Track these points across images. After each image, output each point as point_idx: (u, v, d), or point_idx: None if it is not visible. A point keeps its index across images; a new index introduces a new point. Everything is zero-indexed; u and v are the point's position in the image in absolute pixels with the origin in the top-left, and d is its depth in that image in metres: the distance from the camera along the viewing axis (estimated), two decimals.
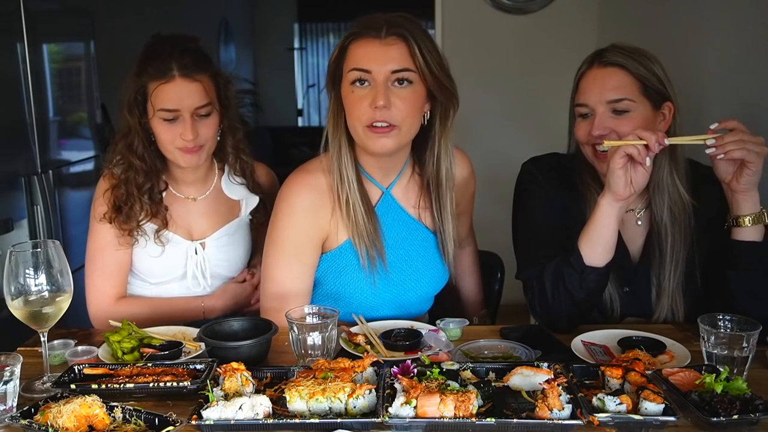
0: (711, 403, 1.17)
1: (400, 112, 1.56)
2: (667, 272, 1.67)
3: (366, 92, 1.56)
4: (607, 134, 1.60)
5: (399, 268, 1.74)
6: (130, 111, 1.75)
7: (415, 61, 1.55)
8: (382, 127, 1.56)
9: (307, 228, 1.67)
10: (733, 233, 1.56)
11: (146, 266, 1.87)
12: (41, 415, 1.18)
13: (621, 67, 1.61)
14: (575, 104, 1.68)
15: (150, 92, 1.72)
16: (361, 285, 1.71)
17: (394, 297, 1.75)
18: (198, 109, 1.74)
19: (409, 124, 1.59)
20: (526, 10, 3.85)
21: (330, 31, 9.12)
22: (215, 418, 1.17)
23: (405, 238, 1.75)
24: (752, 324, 1.34)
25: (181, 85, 1.71)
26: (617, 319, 1.72)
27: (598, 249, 1.56)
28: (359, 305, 1.70)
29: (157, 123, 1.74)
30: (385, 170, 1.72)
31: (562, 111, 1.79)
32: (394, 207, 1.74)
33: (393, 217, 1.74)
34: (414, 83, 1.57)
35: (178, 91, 1.71)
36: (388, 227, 1.72)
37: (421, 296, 1.80)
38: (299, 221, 1.66)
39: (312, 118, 9.36)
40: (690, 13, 2.66)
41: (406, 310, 1.78)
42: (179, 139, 1.74)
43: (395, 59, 1.55)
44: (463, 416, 1.15)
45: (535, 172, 1.77)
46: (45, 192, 2.88)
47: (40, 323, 1.38)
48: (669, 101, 1.64)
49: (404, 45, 1.55)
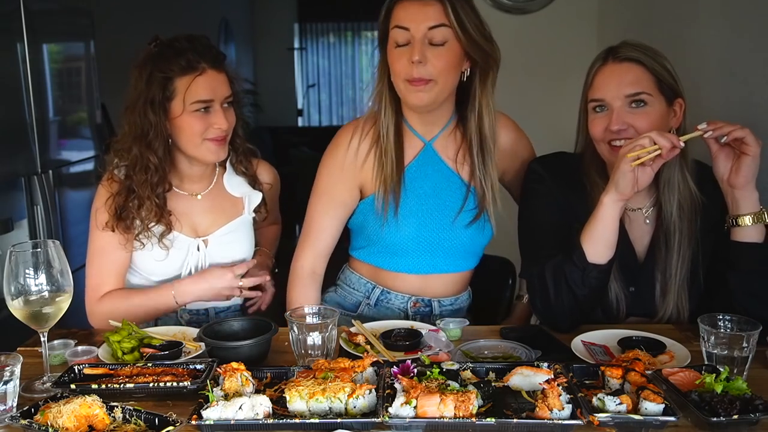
0: (711, 403, 1.17)
1: (435, 68, 1.66)
2: (673, 269, 1.67)
3: (406, 50, 1.68)
4: (625, 129, 1.60)
5: (432, 215, 1.81)
6: (154, 110, 1.75)
7: (449, 19, 1.66)
8: (420, 80, 1.67)
9: (349, 172, 1.82)
10: (733, 234, 1.56)
11: (149, 267, 1.86)
12: (41, 415, 1.18)
13: (637, 62, 1.62)
14: (589, 100, 1.67)
15: (180, 88, 1.75)
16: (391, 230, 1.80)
17: (430, 245, 1.82)
18: (227, 98, 1.81)
19: (444, 80, 1.69)
20: (526, 10, 3.85)
21: (330, 31, 9.12)
22: (215, 418, 1.17)
23: (443, 188, 1.83)
24: (752, 324, 1.35)
25: (213, 76, 1.78)
26: (623, 319, 1.72)
27: (600, 246, 1.56)
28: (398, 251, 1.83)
29: (189, 117, 1.76)
30: (428, 124, 1.82)
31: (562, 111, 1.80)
32: (434, 159, 1.83)
33: (432, 167, 1.83)
34: (449, 41, 1.67)
35: (210, 82, 1.77)
36: (426, 177, 1.82)
37: (458, 246, 1.83)
38: (343, 163, 1.82)
39: (312, 118, 9.36)
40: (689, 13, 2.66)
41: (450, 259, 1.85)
42: (212, 129, 1.78)
43: (431, 17, 1.66)
44: (463, 416, 1.15)
45: (541, 171, 1.77)
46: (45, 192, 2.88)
47: (40, 323, 1.38)
48: (680, 98, 1.65)
49: (440, 5, 1.66)
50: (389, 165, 1.77)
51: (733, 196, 1.54)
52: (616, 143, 1.62)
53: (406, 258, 1.84)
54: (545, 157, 1.82)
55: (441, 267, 1.85)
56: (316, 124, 9.21)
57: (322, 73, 9.23)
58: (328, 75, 9.24)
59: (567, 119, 1.76)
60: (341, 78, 9.20)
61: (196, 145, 1.79)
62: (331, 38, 9.14)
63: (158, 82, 1.74)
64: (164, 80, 1.74)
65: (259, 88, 8.26)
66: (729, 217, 1.56)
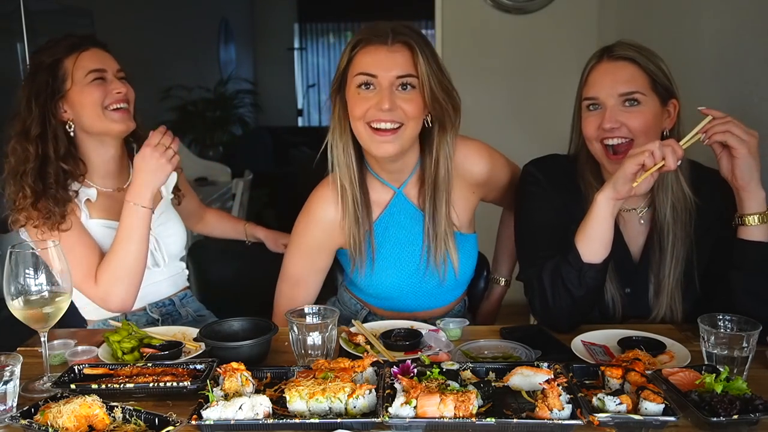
0: (711, 403, 1.16)
1: (405, 112, 1.61)
2: (666, 270, 1.67)
3: (372, 95, 1.61)
4: (618, 127, 1.60)
5: (409, 262, 1.79)
6: (38, 98, 1.76)
7: (417, 69, 1.60)
8: (386, 130, 1.61)
9: (323, 239, 1.80)
10: (739, 232, 1.56)
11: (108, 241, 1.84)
12: (41, 415, 1.18)
13: (631, 61, 1.62)
14: (583, 98, 1.67)
15: (68, 65, 1.78)
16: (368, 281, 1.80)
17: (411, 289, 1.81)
18: (118, 71, 1.84)
19: (411, 126, 1.64)
20: (526, 10, 3.85)
21: (330, 31, 9.12)
22: (215, 418, 1.17)
23: (417, 233, 1.79)
24: (752, 324, 1.34)
25: (98, 52, 1.83)
26: (618, 320, 1.72)
27: (594, 245, 1.56)
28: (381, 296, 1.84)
29: (85, 88, 1.78)
30: (395, 172, 1.77)
31: (562, 111, 1.79)
32: (405, 205, 1.79)
33: (404, 214, 1.79)
34: (416, 87, 1.62)
35: (97, 55, 1.82)
36: (399, 225, 1.79)
37: (441, 284, 1.81)
38: (315, 233, 1.80)
39: (312, 118, 9.36)
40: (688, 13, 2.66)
41: (436, 297, 1.85)
42: (111, 95, 1.80)
43: (400, 65, 1.60)
44: (463, 416, 1.15)
45: (537, 174, 1.77)
46: None
47: (40, 323, 1.38)
48: (674, 98, 1.65)
49: (408, 52, 1.60)
50: (356, 227, 1.73)
51: (739, 195, 1.53)
52: (608, 142, 1.62)
53: (391, 302, 1.84)
54: (540, 160, 1.82)
55: (428, 304, 1.85)
56: (316, 124, 9.21)
57: (322, 73, 9.23)
58: (328, 75, 9.23)
59: (566, 119, 1.76)
60: None
61: (99, 116, 1.80)
62: (331, 38, 9.14)
63: (45, 68, 1.77)
64: (53, 64, 1.78)
65: (259, 88, 8.27)
66: (736, 215, 1.56)
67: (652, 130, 1.61)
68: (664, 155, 1.45)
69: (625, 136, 1.60)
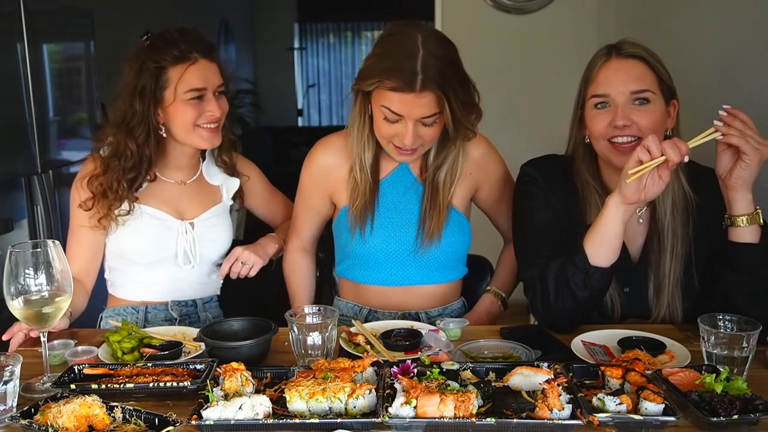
0: (711, 403, 1.16)
1: (425, 141, 1.73)
2: (666, 269, 1.66)
3: (397, 127, 1.69)
4: (629, 126, 1.59)
5: (400, 229, 1.85)
6: (142, 98, 1.78)
7: (442, 109, 1.66)
8: (409, 150, 1.73)
9: (316, 179, 1.91)
10: (730, 234, 1.56)
11: (135, 245, 1.88)
12: (41, 415, 1.18)
13: (641, 59, 1.61)
14: (591, 96, 1.65)
15: (173, 77, 1.78)
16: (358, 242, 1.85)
17: (399, 256, 1.85)
18: (218, 87, 1.85)
19: (431, 144, 1.78)
20: (526, 10, 3.86)
21: (330, 31, 9.12)
22: (215, 418, 1.17)
23: (414, 203, 1.85)
24: (752, 324, 1.34)
25: (205, 66, 1.82)
26: (617, 320, 1.72)
27: (603, 249, 1.55)
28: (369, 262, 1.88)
29: (182, 105, 1.79)
30: None
31: (561, 111, 1.79)
32: (407, 175, 1.87)
33: (404, 184, 1.87)
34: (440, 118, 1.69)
35: (203, 71, 1.81)
36: (400, 194, 1.87)
37: (430, 258, 1.85)
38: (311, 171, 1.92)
39: (312, 118, 9.36)
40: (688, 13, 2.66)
41: (424, 271, 1.87)
42: (205, 116, 1.81)
43: (426, 106, 1.65)
44: (463, 416, 1.15)
45: (534, 174, 1.76)
46: (45, 192, 2.88)
47: (40, 323, 1.38)
48: (675, 99, 1.65)
49: (435, 97, 1.64)
50: (363, 182, 1.82)
51: (728, 195, 1.53)
52: (616, 140, 1.61)
53: (378, 270, 1.87)
54: (537, 160, 1.82)
55: (416, 279, 1.87)
56: (316, 124, 9.21)
57: (322, 73, 9.23)
58: (328, 75, 9.24)
59: (566, 119, 1.76)
60: (341, 78, 9.20)
61: (188, 132, 1.83)
62: (331, 38, 9.14)
63: (150, 72, 1.77)
64: (157, 70, 1.77)
65: (259, 88, 8.26)
66: (726, 216, 1.56)
67: (659, 130, 1.61)
68: (664, 150, 1.44)
69: (633, 135, 1.59)
